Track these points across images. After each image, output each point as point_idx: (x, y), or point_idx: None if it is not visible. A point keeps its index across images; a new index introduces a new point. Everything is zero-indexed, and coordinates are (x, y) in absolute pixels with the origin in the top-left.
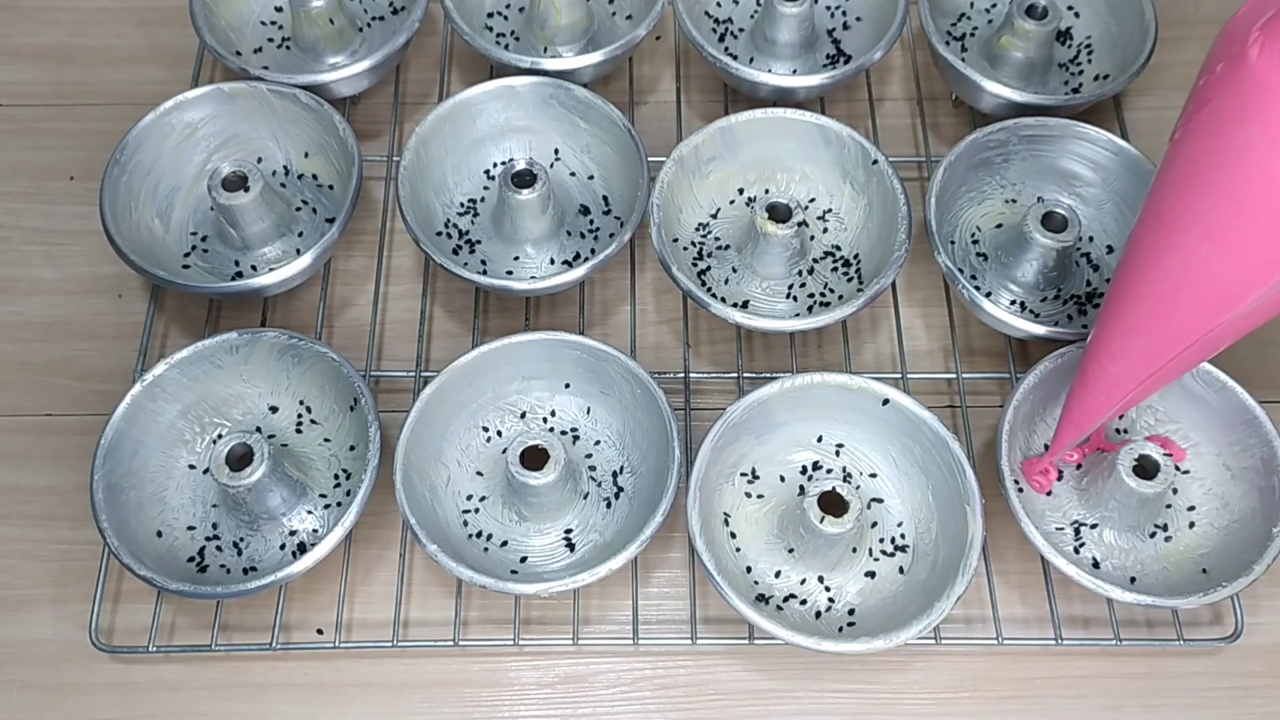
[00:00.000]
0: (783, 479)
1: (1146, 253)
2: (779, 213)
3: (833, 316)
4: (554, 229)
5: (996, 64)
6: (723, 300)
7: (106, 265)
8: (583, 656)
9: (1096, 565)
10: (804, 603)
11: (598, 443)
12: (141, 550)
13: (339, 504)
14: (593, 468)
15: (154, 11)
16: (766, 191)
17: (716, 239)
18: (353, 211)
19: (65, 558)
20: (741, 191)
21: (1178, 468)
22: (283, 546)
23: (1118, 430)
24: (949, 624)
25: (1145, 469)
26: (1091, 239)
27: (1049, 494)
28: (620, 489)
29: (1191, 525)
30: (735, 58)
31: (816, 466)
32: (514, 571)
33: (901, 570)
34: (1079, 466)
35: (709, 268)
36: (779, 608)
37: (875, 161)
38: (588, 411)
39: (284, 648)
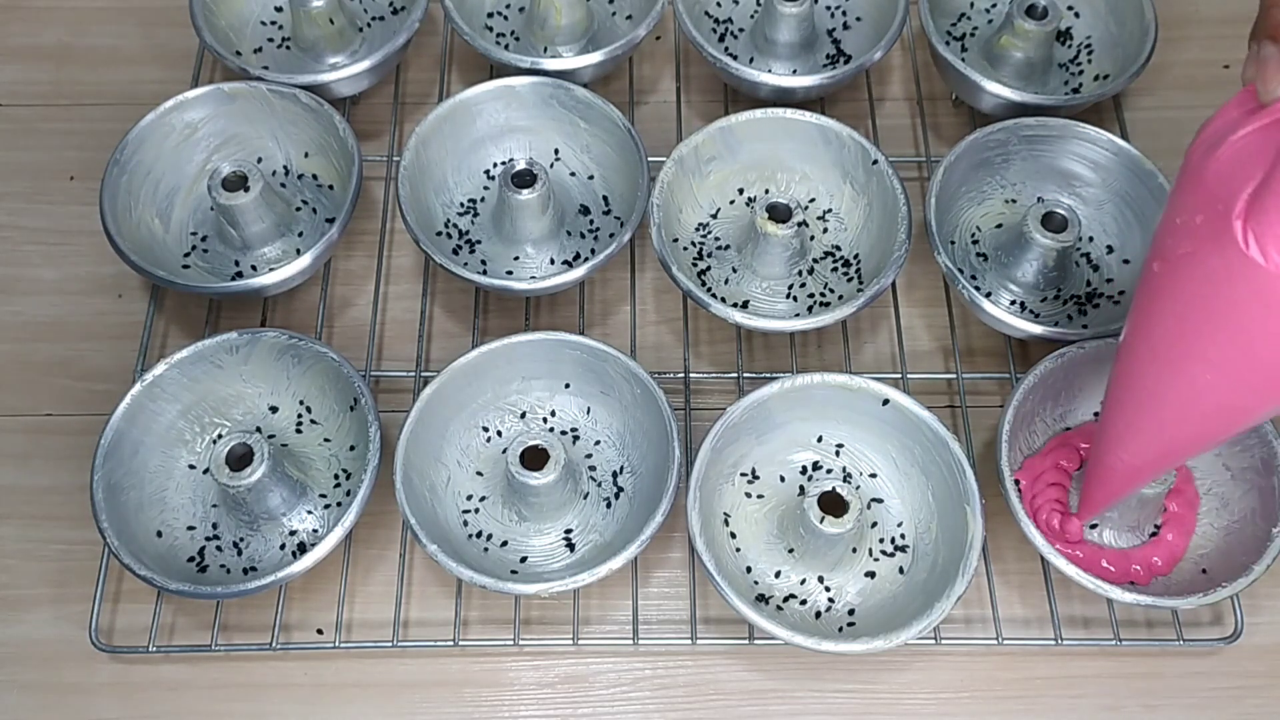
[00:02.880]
0: (783, 479)
1: (1150, 368)
2: (779, 213)
3: (833, 316)
4: (554, 229)
5: (996, 64)
6: (723, 300)
7: (106, 265)
8: (583, 656)
9: None
10: (804, 603)
11: (598, 443)
12: (141, 550)
13: (339, 504)
14: (593, 468)
15: (154, 11)
16: (766, 191)
17: (716, 239)
18: (353, 211)
19: (65, 558)
20: (741, 191)
21: None
22: (283, 546)
23: None
24: (949, 624)
25: None
26: (1091, 239)
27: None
28: (620, 489)
29: None
30: (735, 58)
31: (816, 466)
32: (514, 572)
33: (901, 570)
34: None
35: (709, 268)
36: (779, 608)
37: (875, 161)
38: (588, 411)
39: (284, 648)
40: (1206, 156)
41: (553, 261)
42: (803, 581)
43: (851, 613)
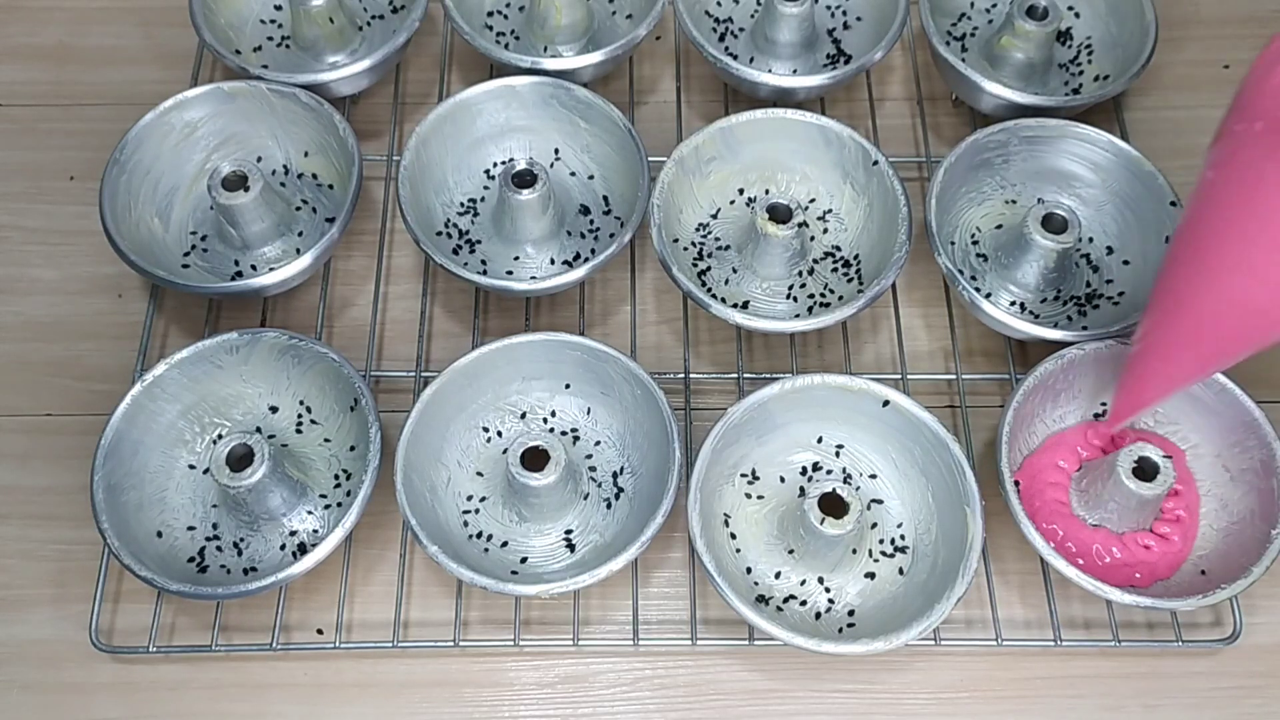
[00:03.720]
0: (783, 480)
1: (1195, 273)
2: (779, 213)
3: (833, 317)
4: (554, 229)
5: (996, 64)
6: (723, 301)
7: (106, 265)
8: (583, 657)
9: None
10: (804, 604)
11: (598, 443)
12: (142, 550)
13: (339, 504)
14: (593, 468)
15: (153, 11)
16: (767, 192)
17: (717, 239)
18: (353, 211)
19: (65, 558)
20: (742, 192)
21: None
22: (283, 547)
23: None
24: (949, 625)
25: (1144, 471)
26: (1091, 240)
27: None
28: (620, 490)
29: None
30: (735, 58)
31: (817, 467)
32: (514, 572)
33: (901, 571)
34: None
35: (709, 268)
36: (779, 609)
37: (875, 162)
38: (588, 412)
39: (284, 648)
40: (1273, 67)
41: (553, 262)
42: (803, 582)
43: (851, 614)
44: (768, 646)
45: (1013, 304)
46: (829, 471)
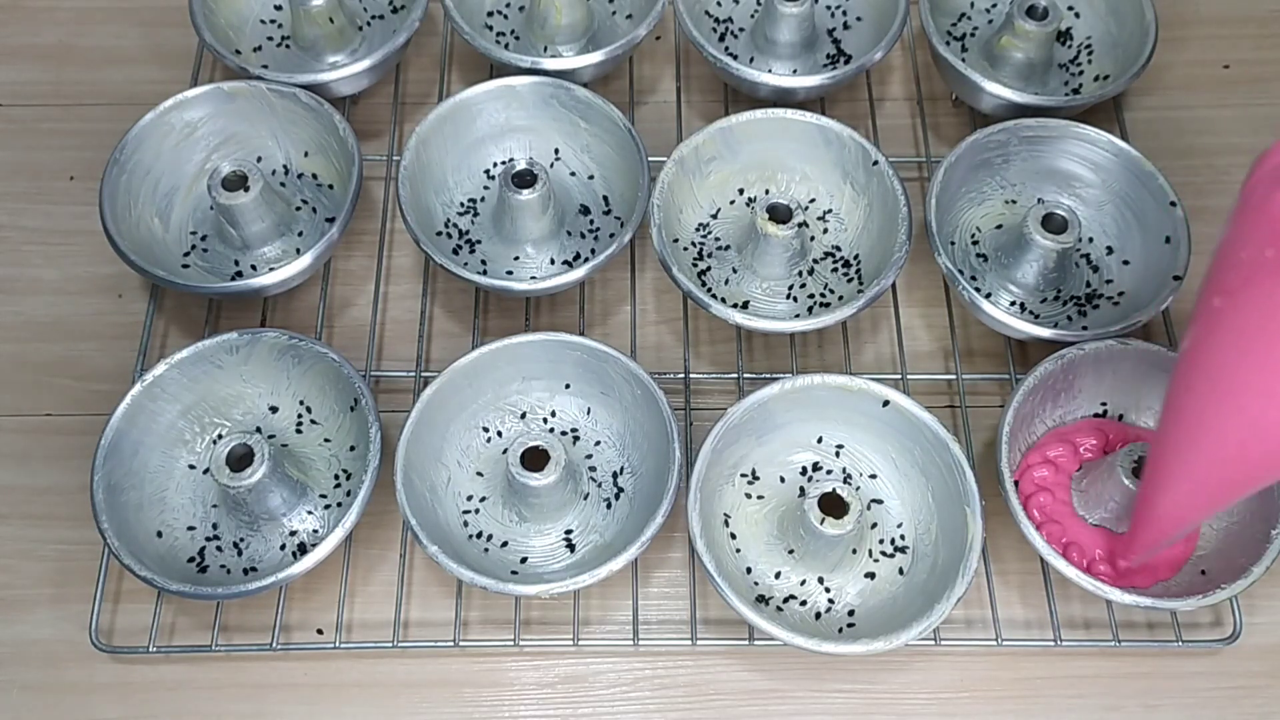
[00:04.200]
0: (783, 480)
1: (1209, 405)
2: (779, 213)
3: (833, 317)
4: (554, 229)
5: (997, 64)
6: (723, 301)
7: (106, 265)
8: (583, 657)
9: None
10: (804, 604)
11: (598, 443)
12: (142, 550)
13: (339, 504)
14: (593, 468)
15: (153, 11)
16: (767, 192)
17: (717, 239)
18: (353, 211)
19: (65, 558)
20: (742, 192)
21: None
22: (283, 547)
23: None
24: (949, 625)
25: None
26: (1091, 240)
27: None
28: (620, 490)
29: None
30: (735, 58)
31: (817, 467)
32: (514, 572)
33: (901, 571)
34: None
35: (709, 268)
36: (779, 609)
37: (875, 162)
38: (588, 412)
39: (284, 648)
40: (1274, 190)
41: (553, 262)
42: (803, 582)
43: (851, 614)
44: (768, 646)
45: (1013, 304)
46: (829, 471)
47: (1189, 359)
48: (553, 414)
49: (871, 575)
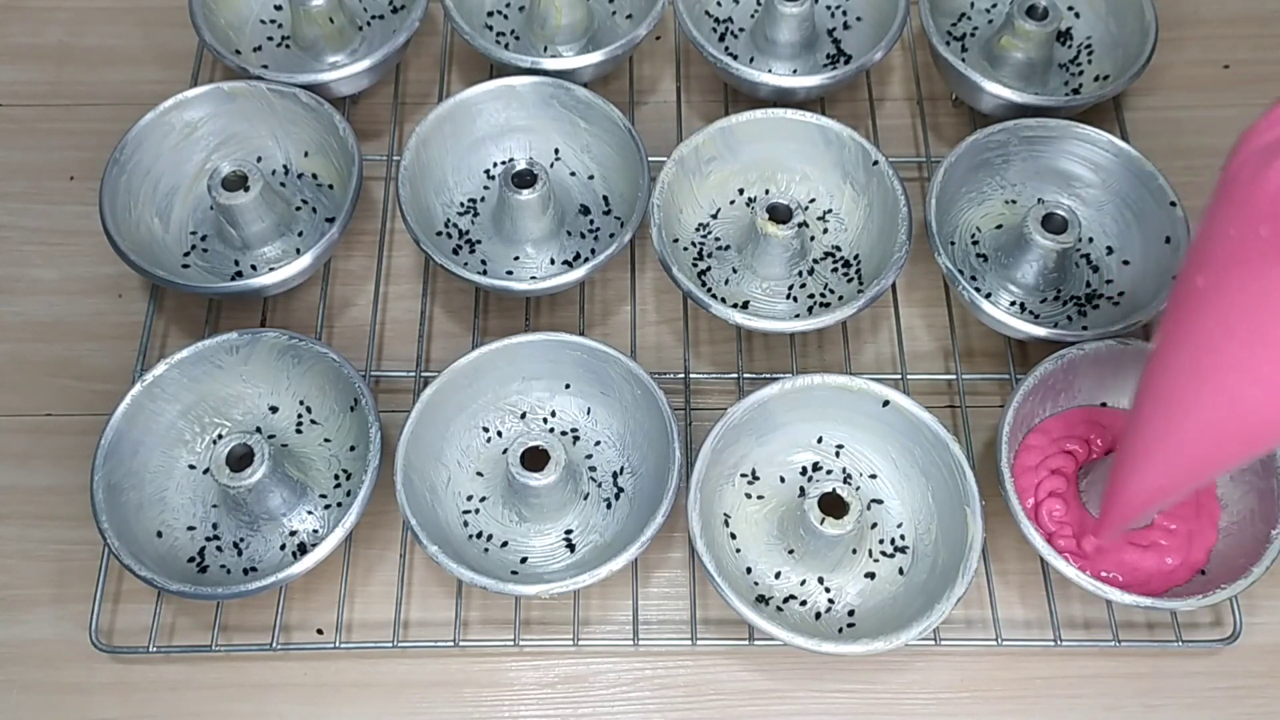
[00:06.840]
0: (783, 480)
1: (1189, 384)
2: (779, 213)
3: (833, 317)
4: (554, 229)
5: (996, 64)
6: (723, 301)
7: (106, 265)
8: (583, 657)
9: None
10: (804, 604)
11: (598, 443)
12: (142, 550)
13: (339, 504)
14: (593, 468)
15: (154, 11)
16: (767, 192)
17: (717, 239)
18: (353, 211)
19: (65, 558)
20: (742, 192)
21: None
22: (283, 547)
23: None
24: (949, 625)
25: None
26: (1091, 240)
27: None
28: (620, 490)
29: None
30: (735, 58)
31: (817, 467)
32: (514, 572)
33: (901, 571)
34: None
35: (709, 268)
36: (779, 609)
37: (875, 162)
38: (588, 412)
39: (284, 648)
40: (1265, 167)
41: (553, 262)
42: (803, 582)
43: (851, 614)
44: (768, 646)
45: (1013, 304)
46: (829, 471)
47: (1167, 338)
48: (553, 414)
49: (871, 575)
